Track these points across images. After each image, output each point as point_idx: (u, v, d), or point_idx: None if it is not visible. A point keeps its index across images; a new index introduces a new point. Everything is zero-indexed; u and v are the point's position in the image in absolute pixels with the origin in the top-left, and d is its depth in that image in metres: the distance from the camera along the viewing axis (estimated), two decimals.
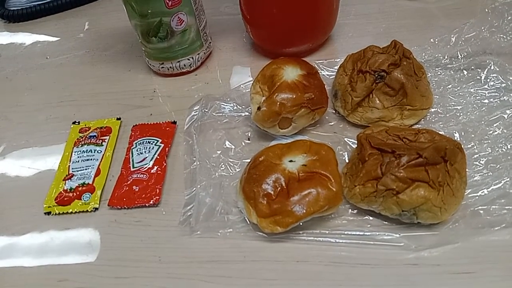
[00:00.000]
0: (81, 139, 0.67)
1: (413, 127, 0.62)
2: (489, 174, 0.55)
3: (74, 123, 0.70)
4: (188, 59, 0.74)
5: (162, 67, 0.74)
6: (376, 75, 0.61)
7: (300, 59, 0.65)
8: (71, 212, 0.59)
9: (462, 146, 0.53)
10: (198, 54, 0.75)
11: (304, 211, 0.50)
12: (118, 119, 0.70)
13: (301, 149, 0.55)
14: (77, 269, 0.54)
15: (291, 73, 0.61)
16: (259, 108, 0.60)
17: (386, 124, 0.61)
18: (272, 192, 0.52)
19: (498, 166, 0.55)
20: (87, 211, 0.59)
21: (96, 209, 0.59)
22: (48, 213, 0.59)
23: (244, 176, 0.55)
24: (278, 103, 0.59)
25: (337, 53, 0.75)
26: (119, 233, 0.57)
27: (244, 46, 0.79)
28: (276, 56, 0.71)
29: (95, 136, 0.67)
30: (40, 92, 0.78)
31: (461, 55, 0.68)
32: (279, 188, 0.52)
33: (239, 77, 0.74)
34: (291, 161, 0.54)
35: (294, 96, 0.59)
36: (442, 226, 0.51)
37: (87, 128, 0.68)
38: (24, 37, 0.91)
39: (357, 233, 0.52)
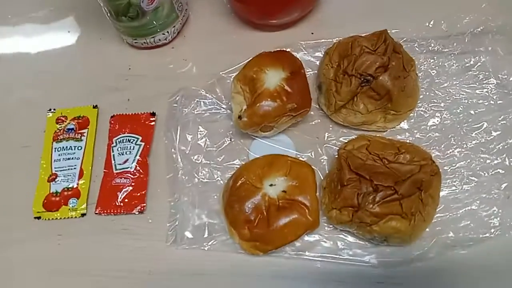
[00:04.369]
0: (59, 133, 0.65)
1: (396, 127, 0.61)
2: (461, 190, 0.57)
3: (49, 110, 0.68)
4: (163, 34, 0.69)
5: (136, 42, 0.69)
6: (362, 79, 0.58)
7: (283, 56, 0.61)
8: (61, 218, 0.61)
9: (441, 154, 0.56)
10: (174, 26, 0.69)
11: (283, 240, 0.54)
12: (95, 107, 0.67)
13: (282, 170, 0.56)
14: (73, 280, 0.58)
15: (273, 77, 0.58)
16: (240, 117, 0.58)
17: (368, 128, 0.61)
18: (253, 219, 0.54)
19: (472, 184, 0.57)
20: (75, 217, 0.61)
21: (84, 214, 0.61)
22: (38, 218, 0.62)
23: (226, 195, 0.56)
24: (260, 115, 0.57)
25: (324, 26, 0.69)
26: (109, 241, 0.60)
27: (223, 10, 0.73)
28: (258, 27, 0.67)
29: (73, 129, 0.65)
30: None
31: (455, 43, 0.64)
32: (259, 216, 0.54)
33: (218, 52, 0.69)
34: (271, 185, 0.55)
35: (276, 106, 0.57)
36: (410, 245, 0.55)
37: (63, 118, 0.67)
38: None
39: (331, 250, 0.56)
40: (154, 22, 0.66)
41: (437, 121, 0.61)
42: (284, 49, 0.66)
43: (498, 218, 0.54)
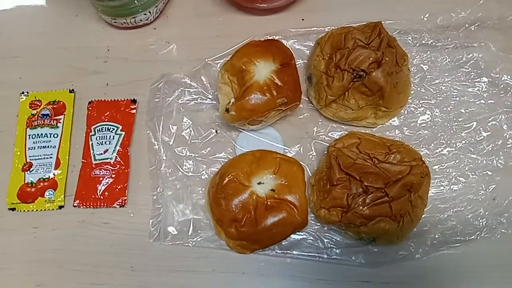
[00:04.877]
0: (33, 118, 0.61)
1: (386, 123, 0.60)
2: (448, 191, 0.57)
3: (22, 93, 0.63)
4: (145, 14, 0.64)
5: (115, 22, 0.65)
6: (355, 74, 0.56)
7: (274, 45, 0.58)
8: (37, 210, 0.58)
9: (430, 152, 0.57)
10: (156, 6, 0.65)
11: (270, 240, 0.53)
12: (71, 91, 0.63)
13: (271, 167, 0.54)
14: (52, 274, 0.56)
15: (263, 70, 0.56)
16: (227, 110, 0.56)
17: (358, 124, 0.60)
18: (240, 218, 0.52)
19: (460, 185, 0.57)
20: (52, 209, 0.58)
21: (62, 206, 0.59)
22: (13, 209, 0.59)
23: (212, 191, 0.55)
24: (249, 109, 0.55)
25: (314, 12, 0.66)
26: (89, 235, 0.57)
27: None
28: (245, 10, 0.64)
29: (48, 115, 0.62)
30: None
31: (449, 38, 0.63)
32: (247, 215, 0.52)
33: (203, 35, 0.66)
34: (260, 183, 0.53)
35: (266, 100, 0.55)
36: (397, 245, 0.55)
37: (38, 103, 0.63)
38: None
39: (318, 248, 0.55)
40: (136, 1, 0.61)
41: (427, 118, 0.60)
42: (274, 37, 0.63)
43: (485, 219, 0.55)
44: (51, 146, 0.60)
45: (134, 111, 0.62)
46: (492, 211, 0.55)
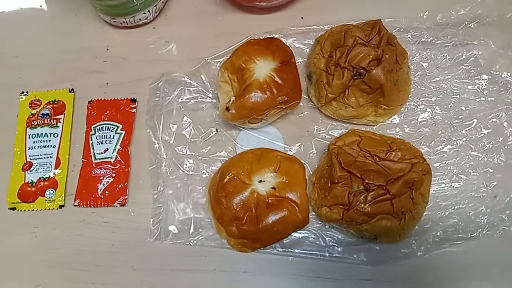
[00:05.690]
0: (33, 118, 0.61)
1: (386, 121, 0.60)
2: (450, 188, 0.57)
3: (22, 93, 0.63)
4: (144, 13, 0.64)
5: (114, 21, 0.65)
6: (355, 72, 0.56)
7: (273, 44, 0.58)
8: (37, 209, 0.58)
9: (431, 150, 0.57)
10: (156, 5, 0.65)
11: (271, 239, 0.53)
12: (71, 91, 0.63)
13: (271, 166, 0.54)
14: (53, 273, 0.56)
15: (263, 68, 0.56)
16: (227, 109, 0.56)
17: (358, 121, 0.60)
18: (241, 216, 0.52)
19: (461, 182, 0.57)
20: (53, 209, 0.58)
21: (62, 206, 0.58)
22: (13, 209, 0.58)
23: (213, 190, 0.54)
24: (249, 107, 0.55)
25: (314, 10, 0.66)
26: (89, 234, 0.57)
27: None
28: (245, 9, 0.64)
29: (48, 114, 0.62)
30: None
31: (448, 35, 0.63)
32: (248, 213, 0.52)
33: (202, 34, 0.66)
34: (260, 181, 0.53)
35: (266, 98, 0.55)
36: (399, 242, 0.55)
37: (37, 102, 0.62)
38: None
39: (319, 247, 0.55)
40: (135, 1, 0.61)
41: (428, 116, 0.60)
42: (273, 35, 0.63)
43: (486, 217, 0.55)
44: (51, 145, 0.60)
45: (134, 110, 0.62)
46: (493, 209, 0.55)
